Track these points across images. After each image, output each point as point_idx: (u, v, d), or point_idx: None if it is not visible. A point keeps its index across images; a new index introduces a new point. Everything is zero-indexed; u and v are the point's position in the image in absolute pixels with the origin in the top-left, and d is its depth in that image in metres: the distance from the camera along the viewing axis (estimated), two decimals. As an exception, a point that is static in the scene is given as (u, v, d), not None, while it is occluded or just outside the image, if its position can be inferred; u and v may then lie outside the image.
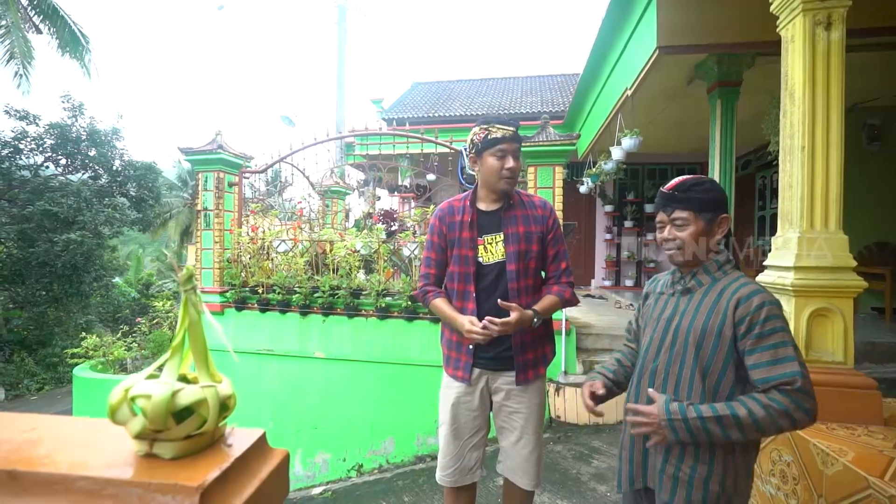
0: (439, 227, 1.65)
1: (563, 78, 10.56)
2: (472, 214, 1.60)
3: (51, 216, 8.91)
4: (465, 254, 1.58)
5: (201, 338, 0.57)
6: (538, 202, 1.64)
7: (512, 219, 1.58)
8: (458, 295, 1.61)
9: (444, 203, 1.70)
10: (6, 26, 10.63)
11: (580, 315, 5.21)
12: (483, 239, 1.59)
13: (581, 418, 3.73)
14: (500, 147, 1.51)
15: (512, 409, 1.59)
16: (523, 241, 1.56)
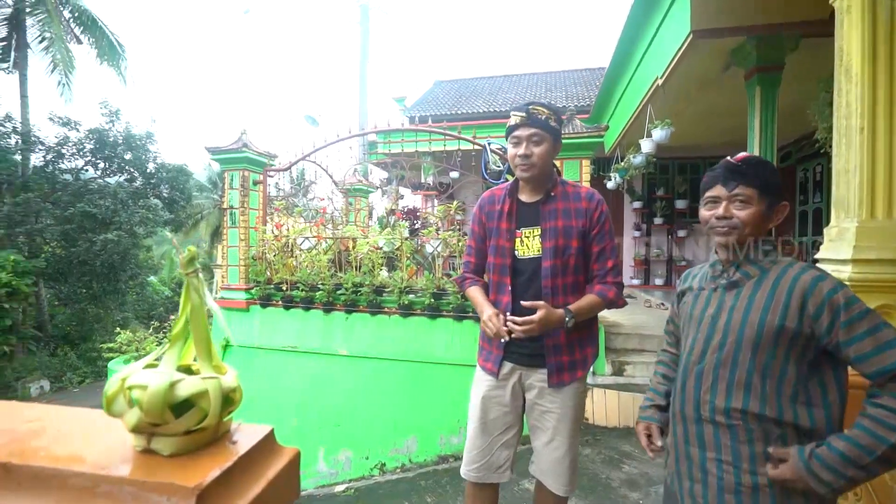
0: (479, 215, 1.60)
1: (589, 72, 10.32)
2: (512, 204, 1.53)
3: (90, 217, 9.31)
4: (503, 245, 1.52)
5: (203, 326, 0.52)
6: (585, 194, 1.51)
7: (551, 212, 1.48)
8: (495, 287, 1.55)
9: (487, 192, 1.63)
10: (50, 38, 11.19)
11: (608, 314, 5.05)
12: (521, 231, 1.51)
13: (610, 420, 3.60)
14: (514, 135, 1.44)
15: (544, 408, 1.51)
16: (562, 236, 1.45)
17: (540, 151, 1.41)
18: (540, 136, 1.41)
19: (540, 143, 1.41)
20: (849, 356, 0.92)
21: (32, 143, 10.28)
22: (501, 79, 10.90)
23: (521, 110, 1.42)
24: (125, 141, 10.50)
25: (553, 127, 1.43)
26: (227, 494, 0.39)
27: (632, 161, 5.00)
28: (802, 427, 0.95)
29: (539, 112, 1.41)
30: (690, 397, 1.07)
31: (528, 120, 1.40)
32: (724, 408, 1.01)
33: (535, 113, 1.41)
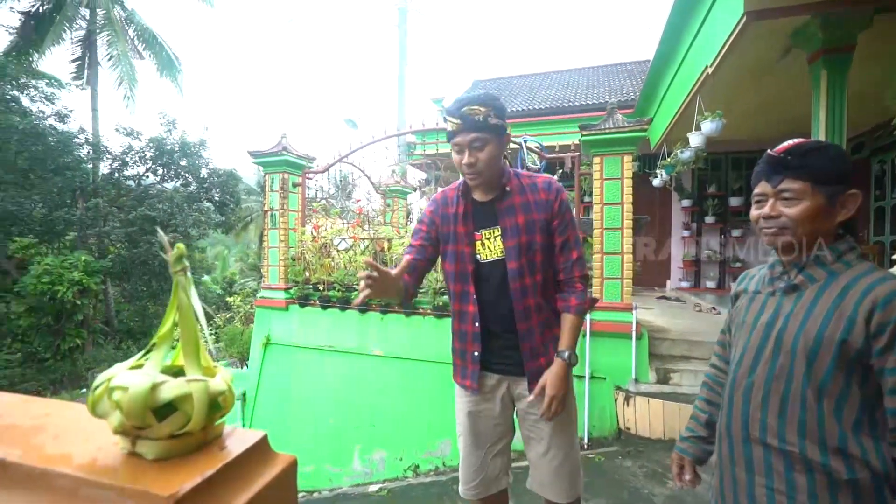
0: (431, 217, 1.47)
1: (633, 65, 9.90)
2: (466, 206, 1.41)
3: (150, 220, 9.98)
4: (462, 250, 1.40)
5: (191, 326, 0.49)
6: (542, 184, 1.40)
7: (509, 209, 1.37)
8: (457, 297, 1.43)
9: (438, 193, 1.52)
10: (117, 55, 12.09)
11: (653, 318, 4.79)
12: (480, 233, 1.40)
13: (654, 431, 3.39)
14: (454, 142, 1.31)
15: (537, 416, 1.40)
16: (524, 232, 1.35)
17: (485, 156, 1.29)
18: (481, 139, 1.28)
19: (483, 146, 1.29)
20: (886, 385, 0.79)
21: (101, 153, 11.16)
22: (541, 76, 10.68)
23: (456, 115, 1.28)
24: (181, 148, 11.19)
25: (494, 125, 1.29)
26: (209, 502, 0.36)
27: (679, 156, 4.72)
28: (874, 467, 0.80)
29: (475, 112, 1.27)
30: (738, 414, 0.95)
31: (464, 125, 1.27)
32: (776, 428, 0.88)
33: (471, 114, 1.27)
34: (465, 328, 1.42)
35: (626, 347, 3.67)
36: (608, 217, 3.71)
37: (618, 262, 3.70)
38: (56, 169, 9.83)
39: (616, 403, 3.65)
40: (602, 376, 3.72)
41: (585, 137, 3.64)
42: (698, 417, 1.15)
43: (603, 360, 3.72)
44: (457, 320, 1.45)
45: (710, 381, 1.16)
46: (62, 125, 10.45)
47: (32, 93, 10.16)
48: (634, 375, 3.63)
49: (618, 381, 3.69)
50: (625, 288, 3.69)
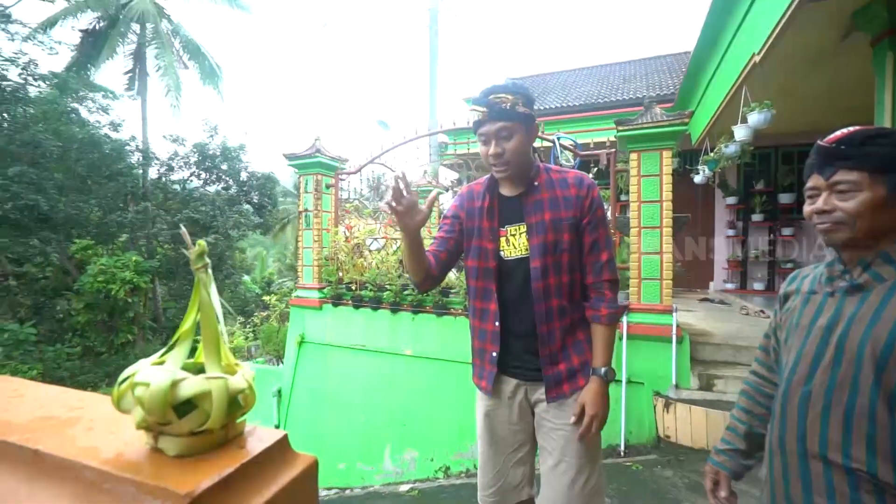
0: (456, 211, 1.42)
1: (672, 58, 9.52)
2: (492, 200, 1.36)
3: (193, 222, 10.48)
4: (485, 246, 1.34)
5: (212, 323, 0.49)
6: (573, 179, 1.33)
7: (536, 204, 1.31)
8: (478, 293, 1.37)
9: (465, 187, 1.47)
10: (164, 66, 12.75)
11: (695, 321, 4.57)
12: (506, 230, 1.34)
13: (697, 441, 3.22)
14: (480, 132, 1.26)
15: (551, 424, 1.31)
16: (550, 230, 1.28)
17: (512, 146, 1.24)
18: (509, 128, 1.22)
19: (510, 136, 1.23)
20: None
21: (150, 159, 11.81)
22: (575, 72, 10.45)
23: (482, 103, 1.23)
24: (222, 153, 11.69)
25: (521, 113, 1.23)
26: (225, 501, 0.36)
27: (723, 151, 4.48)
28: None
29: (502, 100, 1.21)
30: (793, 425, 0.86)
31: (491, 114, 1.22)
32: (840, 443, 0.79)
33: (498, 103, 1.21)
34: (484, 326, 1.36)
35: (666, 351, 3.51)
36: (646, 215, 3.56)
37: (656, 262, 3.54)
38: (110, 175, 10.48)
39: (655, 410, 3.49)
40: (640, 381, 3.58)
41: (622, 133, 3.51)
42: (736, 428, 1.06)
43: (641, 364, 3.57)
44: (477, 318, 1.39)
45: (749, 389, 1.07)
46: (116, 134, 11.12)
47: (90, 104, 10.86)
48: (675, 381, 3.46)
49: (657, 387, 3.53)
50: (664, 289, 3.53)
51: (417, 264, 1.29)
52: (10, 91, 9.26)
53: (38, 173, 8.96)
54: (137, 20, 12.33)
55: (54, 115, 9.47)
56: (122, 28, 12.11)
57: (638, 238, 3.58)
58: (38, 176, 8.89)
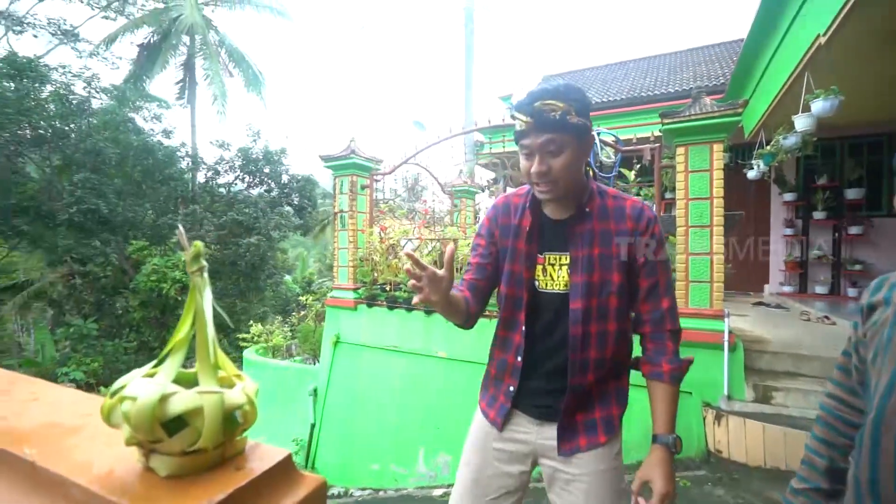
0: (490, 228, 1.23)
1: (722, 47, 8.97)
2: (533, 219, 1.16)
3: (238, 224, 10.90)
4: (518, 272, 1.16)
5: (205, 331, 0.45)
6: (631, 211, 1.12)
7: (585, 235, 1.11)
8: (504, 323, 1.20)
9: (500, 198, 1.27)
10: (211, 75, 13.37)
11: (748, 327, 4.25)
12: (544, 257, 1.15)
13: (752, 458, 2.97)
14: (522, 143, 1.06)
15: (569, 475, 1.13)
16: (598, 268, 1.09)
17: (561, 163, 1.03)
18: (558, 141, 1.02)
19: (559, 151, 1.03)
20: None
21: (198, 164, 12.41)
22: (616, 66, 10.06)
23: (526, 111, 1.02)
24: (264, 156, 12.13)
25: (574, 124, 1.02)
26: None
27: (781, 143, 4.14)
28: None
29: (551, 108, 1.00)
30: (889, 464, 0.72)
31: (537, 123, 1.01)
32: None
33: (546, 110, 1.00)
34: (505, 357, 1.20)
35: (717, 359, 3.26)
36: (694, 214, 3.33)
37: (706, 263, 3.30)
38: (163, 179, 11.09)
39: (704, 422, 3.26)
40: (688, 391, 3.35)
41: (667, 126, 3.30)
42: (814, 463, 0.89)
43: (689, 372, 3.33)
44: (498, 347, 1.23)
45: (827, 416, 0.89)
46: (168, 141, 11.76)
47: (145, 113, 11.55)
48: (727, 392, 3.22)
49: (706, 397, 3.30)
50: (714, 293, 3.29)
51: (456, 315, 1.12)
52: (76, 104, 9.98)
53: (99, 179, 9.60)
54: (187, 32, 12.99)
55: (114, 125, 10.13)
56: (173, 40, 12.80)
57: (685, 238, 3.36)
58: (99, 181, 9.53)
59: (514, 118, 1.07)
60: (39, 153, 9.91)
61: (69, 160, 9.75)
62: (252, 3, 14.33)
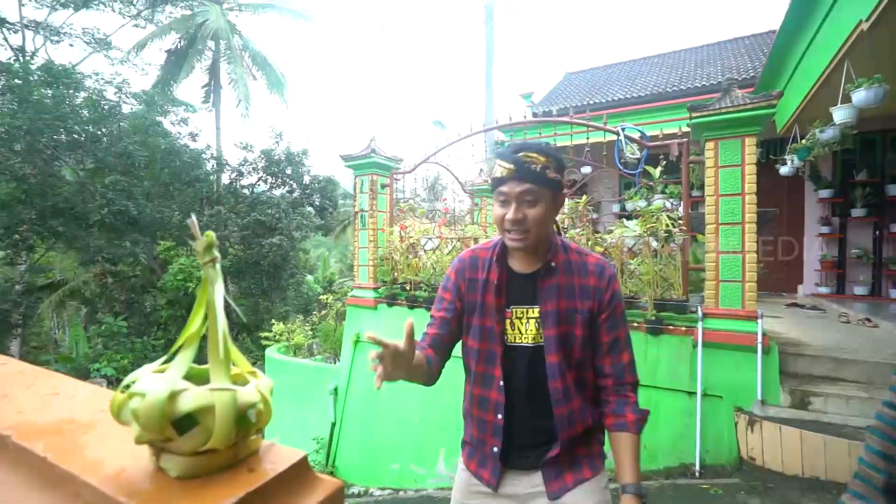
0: (455, 282, 1.22)
1: (752, 39, 8.66)
2: (501, 274, 1.17)
3: (260, 224, 11.09)
4: (489, 326, 1.16)
5: (218, 325, 0.43)
6: (593, 266, 1.15)
7: (552, 290, 1.13)
8: (478, 380, 1.19)
9: (466, 252, 1.27)
10: (236, 79, 13.65)
11: (783, 329, 4.07)
12: (511, 311, 1.16)
13: (789, 466, 2.83)
14: (500, 190, 1.08)
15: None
16: (563, 321, 1.12)
17: (536, 214, 1.06)
18: (535, 193, 1.05)
19: (535, 202, 1.05)
20: None
21: (223, 166, 12.68)
22: (640, 62, 9.83)
23: (508, 159, 1.05)
24: (286, 158, 12.30)
25: (552, 179, 1.06)
26: None
27: (818, 136, 3.95)
28: None
29: (532, 161, 1.04)
30: None
31: (518, 172, 1.04)
32: None
33: (528, 162, 1.04)
34: (483, 416, 1.18)
35: (750, 362, 3.13)
36: (725, 210, 3.20)
37: (737, 262, 3.17)
38: (189, 181, 11.37)
39: (736, 428, 3.12)
40: (718, 395, 3.22)
41: (696, 119, 3.18)
42: (871, 478, 0.81)
43: (719, 375, 3.22)
44: (474, 405, 1.20)
45: (886, 428, 0.81)
46: (194, 143, 12.06)
47: (172, 117, 11.86)
48: (760, 396, 3.08)
49: (738, 402, 3.16)
50: (746, 292, 3.15)
51: (419, 378, 1.10)
52: (108, 109, 10.33)
53: (128, 181, 9.90)
54: (212, 37, 13.30)
55: (143, 129, 10.44)
56: (199, 46, 13.12)
57: (715, 235, 3.23)
58: (128, 184, 9.83)
59: (495, 164, 1.09)
60: (74, 157, 10.29)
61: (101, 163, 10.10)
62: (274, 7, 14.59)
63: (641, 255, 3.58)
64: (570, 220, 4.05)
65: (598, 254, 1.22)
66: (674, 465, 3.29)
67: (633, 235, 3.60)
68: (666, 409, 3.39)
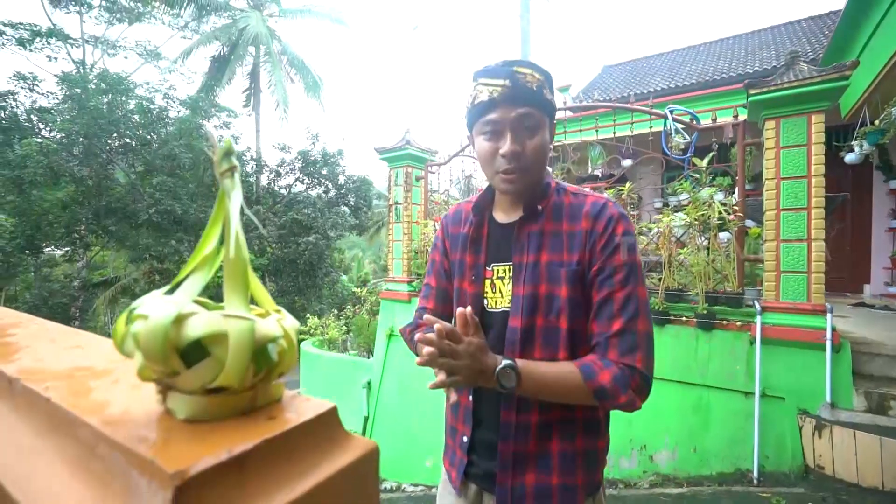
0: (443, 240, 1.04)
1: (810, 22, 8.10)
2: (480, 226, 0.97)
3: (297, 223, 11.36)
4: (465, 289, 0.96)
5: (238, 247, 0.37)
6: (591, 207, 0.88)
7: (532, 238, 0.89)
8: None
9: (453, 207, 1.09)
10: (275, 83, 14.08)
11: (850, 328, 3.71)
12: (492, 270, 0.94)
13: (866, 477, 2.54)
14: (489, 118, 0.84)
15: None
16: (544, 279, 0.86)
17: (536, 144, 0.84)
18: (535, 118, 0.83)
19: (535, 130, 0.84)
20: None
21: (262, 167, 13.09)
22: (684, 51, 9.39)
23: (500, 74, 0.82)
24: (322, 158, 12.57)
25: (550, 101, 0.86)
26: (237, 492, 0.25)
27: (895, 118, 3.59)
28: None
29: (527, 77, 0.82)
30: None
31: (513, 90, 0.81)
32: None
33: (522, 78, 0.82)
34: (459, 398, 0.95)
35: (817, 361, 2.85)
36: (788, 194, 2.94)
37: (802, 251, 2.90)
38: (231, 182, 11.80)
39: (801, 432, 2.86)
40: (779, 396, 2.96)
41: (755, 97, 2.93)
42: None
43: (780, 375, 2.95)
44: None
45: None
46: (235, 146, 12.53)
47: (215, 121, 12.35)
48: (830, 399, 2.80)
49: (803, 404, 2.89)
50: (813, 284, 2.88)
51: None
52: (156, 114, 10.87)
53: (174, 182, 10.37)
54: (252, 43, 13.78)
55: (188, 132, 10.91)
56: (240, 51, 13.63)
57: (776, 222, 2.97)
58: (174, 185, 10.29)
59: (477, 84, 0.85)
60: (125, 160, 10.89)
61: (150, 165, 10.63)
62: (311, 12, 14.96)
63: (690, 245, 3.36)
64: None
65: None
66: (728, 471, 3.05)
67: (682, 224, 3.38)
68: (718, 409, 3.15)
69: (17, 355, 0.45)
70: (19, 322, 0.64)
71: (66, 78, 9.98)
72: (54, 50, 11.39)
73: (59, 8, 12.18)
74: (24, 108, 10.05)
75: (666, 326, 3.36)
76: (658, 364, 1.11)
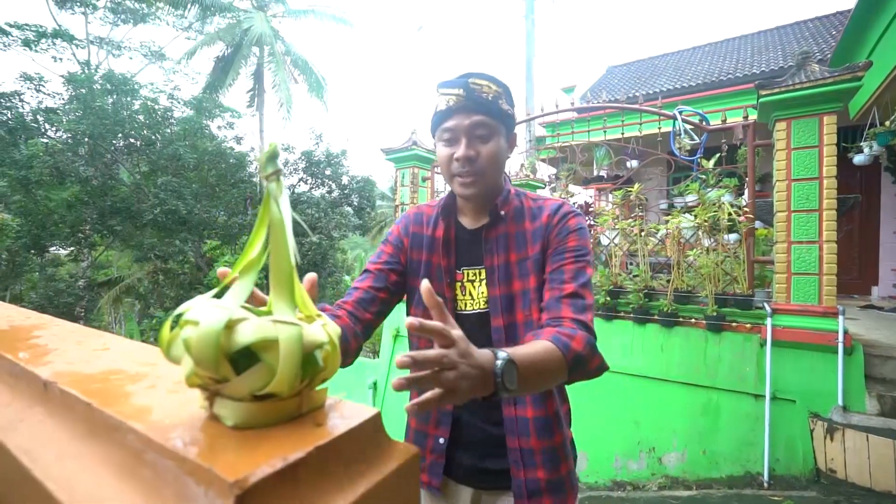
0: (398, 237, 1.04)
1: (816, 22, 8.06)
2: (448, 229, 0.99)
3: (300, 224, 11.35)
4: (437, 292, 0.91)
5: (283, 251, 0.37)
6: (549, 208, 0.95)
7: (499, 242, 0.95)
8: None
9: (412, 207, 1.13)
10: (279, 83, 14.10)
11: (861, 331, 3.68)
12: (462, 273, 0.98)
13: (879, 481, 2.52)
14: (446, 126, 0.90)
15: None
16: (516, 276, 0.92)
17: (489, 151, 0.89)
18: (488, 126, 0.89)
19: (489, 137, 0.89)
20: None
21: (266, 167, 13.09)
22: (690, 52, 9.36)
23: (456, 85, 0.88)
24: (326, 159, 12.55)
25: (505, 111, 0.91)
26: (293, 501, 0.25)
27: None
28: None
29: (483, 88, 0.88)
30: None
31: (468, 100, 0.87)
32: None
33: (478, 90, 0.87)
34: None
35: (828, 364, 2.83)
36: (799, 196, 2.92)
37: (813, 252, 2.88)
38: (234, 183, 11.80)
39: (812, 435, 2.83)
40: (790, 398, 2.94)
41: (766, 97, 2.91)
42: None
43: (791, 377, 2.93)
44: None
45: None
46: (238, 146, 12.52)
47: (219, 122, 12.37)
48: (842, 402, 2.77)
49: (814, 407, 2.87)
50: (824, 286, 2.86)
51: None
52: (161, 114, 10.90)
53: (178, 182, 10.39)
54: (256, 43, 13.80)
55: (192, 132, 10.93)
56: (244, 52, 13.65)
57: (786, 224, 2.95)
58: (178, 185, 10.31)
59: (439, 94, 0.90)
60: (130, 160, 10.92)
61: (154, 165, 10.66)
62: (315, 13, 14.97)
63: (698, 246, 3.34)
64: (619, 211, 3.85)
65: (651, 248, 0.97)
66: (738, 474, 3.03)
67: (691, 226, 3.36)
68: (728, 412, 3.13)
69: (47, 357, 0.45)
70: (43, 323, 0.64)
71: (72, 78, 10.01)
72: (59, 51, 11.44)
73: (64, 9, 12.25)
74: (31, 109, 10.10)
75: (675, 328, 3.34)
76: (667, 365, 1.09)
